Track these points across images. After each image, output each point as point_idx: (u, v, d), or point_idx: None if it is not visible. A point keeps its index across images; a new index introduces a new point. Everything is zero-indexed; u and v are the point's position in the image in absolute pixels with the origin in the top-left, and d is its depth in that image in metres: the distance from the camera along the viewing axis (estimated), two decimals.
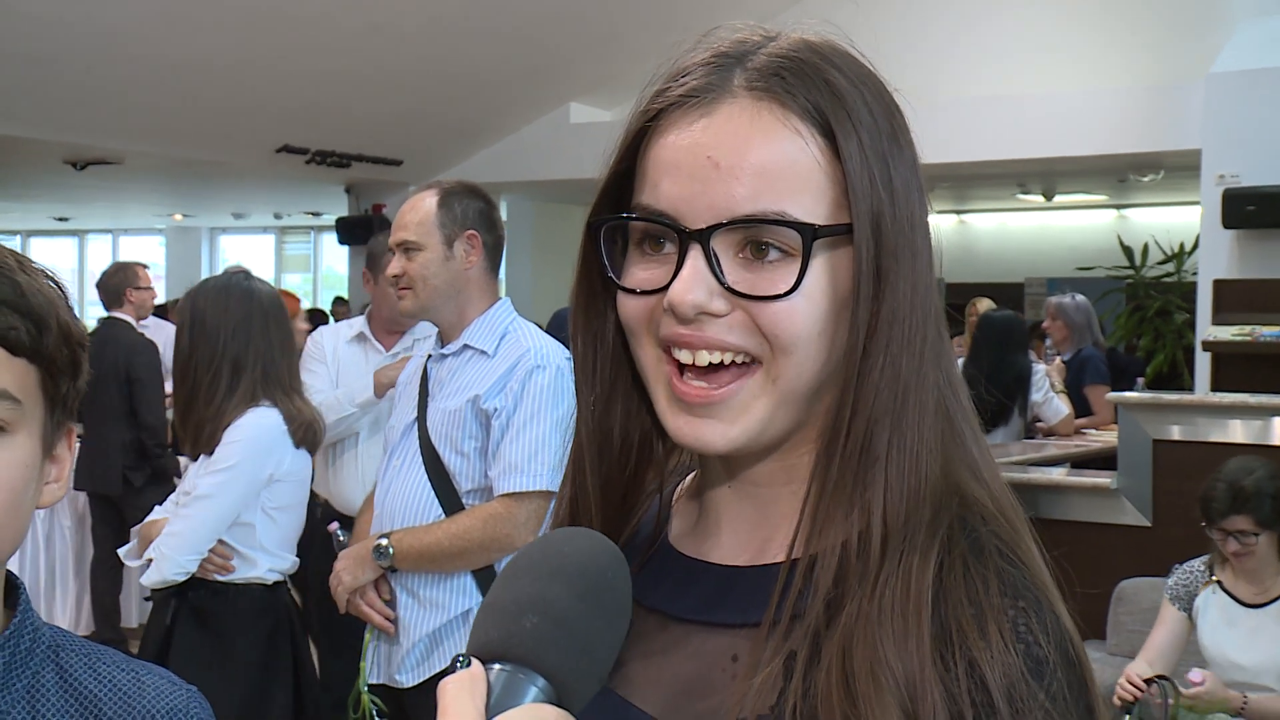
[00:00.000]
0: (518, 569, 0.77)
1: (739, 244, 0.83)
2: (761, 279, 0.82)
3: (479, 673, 0.72)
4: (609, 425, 0.93)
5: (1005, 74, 8.90)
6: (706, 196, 0.82)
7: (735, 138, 0.82)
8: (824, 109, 0.83)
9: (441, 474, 2.74)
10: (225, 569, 2.94)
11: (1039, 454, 5.78)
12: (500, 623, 0.74)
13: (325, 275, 18.49)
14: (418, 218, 2.82)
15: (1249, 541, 3.34)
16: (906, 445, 0.82)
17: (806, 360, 0.83)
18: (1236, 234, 7.47)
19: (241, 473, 2.91)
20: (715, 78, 0.84)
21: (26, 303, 0.97)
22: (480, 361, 2.77)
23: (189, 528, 2.88)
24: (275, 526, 3.02)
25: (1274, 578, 3.39)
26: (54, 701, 1.02)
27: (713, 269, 0.82)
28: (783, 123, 0.82)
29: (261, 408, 2.94)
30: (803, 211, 0.81)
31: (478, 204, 2.87)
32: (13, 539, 0.99)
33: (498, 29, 8.65)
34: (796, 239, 0.81)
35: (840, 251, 0.83)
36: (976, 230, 14.11)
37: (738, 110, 0.83)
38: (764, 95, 0.83)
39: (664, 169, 0.84)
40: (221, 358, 2.93)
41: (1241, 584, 3.43)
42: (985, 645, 0.76)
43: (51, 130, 9.04)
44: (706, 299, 0.82)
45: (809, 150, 0.82)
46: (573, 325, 0.93)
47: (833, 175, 0.83)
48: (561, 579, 0.75)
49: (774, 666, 0.79)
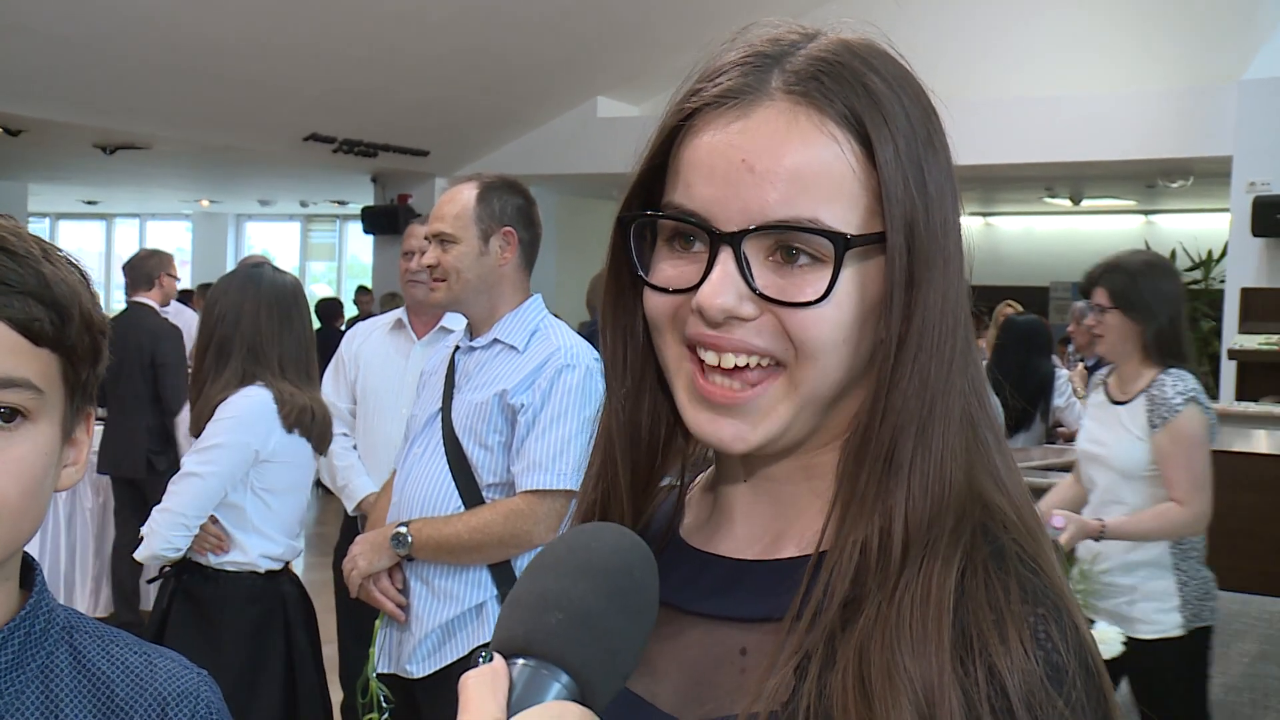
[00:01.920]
0: (544, 564, 0.77)
1: (770, 248, 0.82)
2: (791, 284, 0.82)
3: (501, 667, 0.71)
4: (638, 418, 0.92)
5: (1036, 76, 8.86)
6: (739, 200, 0.81)
7: (771, 141, 0.81)
8: (861, 114, 0.82)
9: (463, 466, 2.74)
10: (218, 549, 2.99)
11: (1060, 459, 5.75)
12: (525, 618, 0.73)
13: (350, 264, 18.57)
14: (455, 210, 2.81)
15: (1101, 319, 3.38)
16: (931, 452, 0.82)
17: (830, 367, 0.83)
18: (1266, 242, 7.41)
19: (226, 449, 2.95)
20: (753, 79, 0.83)
21: (51, 293, 0.98)
22: (509, 356, 2.77)
23: (177, 504, 2.94)
24: (269, 511, 3.04)
25: (1135, 377, 3.39)
26: (67, 682, 1.03)
27: (743, 273, 0.82)
28: (819, 128, 0.82)
29: (251, 387, 2.99)
30: (835, 218, 0.81)
31: (517, 200, 2.86)
32: (32, 524, 1.00)
33: (527, 20, 8.66)
34: (828, 245, 0.81)
35: (871, 259, 0.83)
36: (1003, 233, 14.06)
37: (774, 114, 0.82)
38: (801, 99, 0.82)
39: (697, 169, 0.83)
40: (212, 339, 3.03)
41: (1113, 381, 3.48)
42: (1005, 651, 0.76)
43: (82, 114, 9.12)
44: (736, 303, 0.82)
45: (844, 156, 0.82)
46: (602, 319, 0.93)
47: (867, 182, 0.82)
48: (588, 575, 0.75)
49: (788, 666, 0.79)
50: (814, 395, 0.84)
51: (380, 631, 2.85)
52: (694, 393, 0.85)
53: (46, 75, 8.15)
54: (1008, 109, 8.60)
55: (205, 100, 8.99)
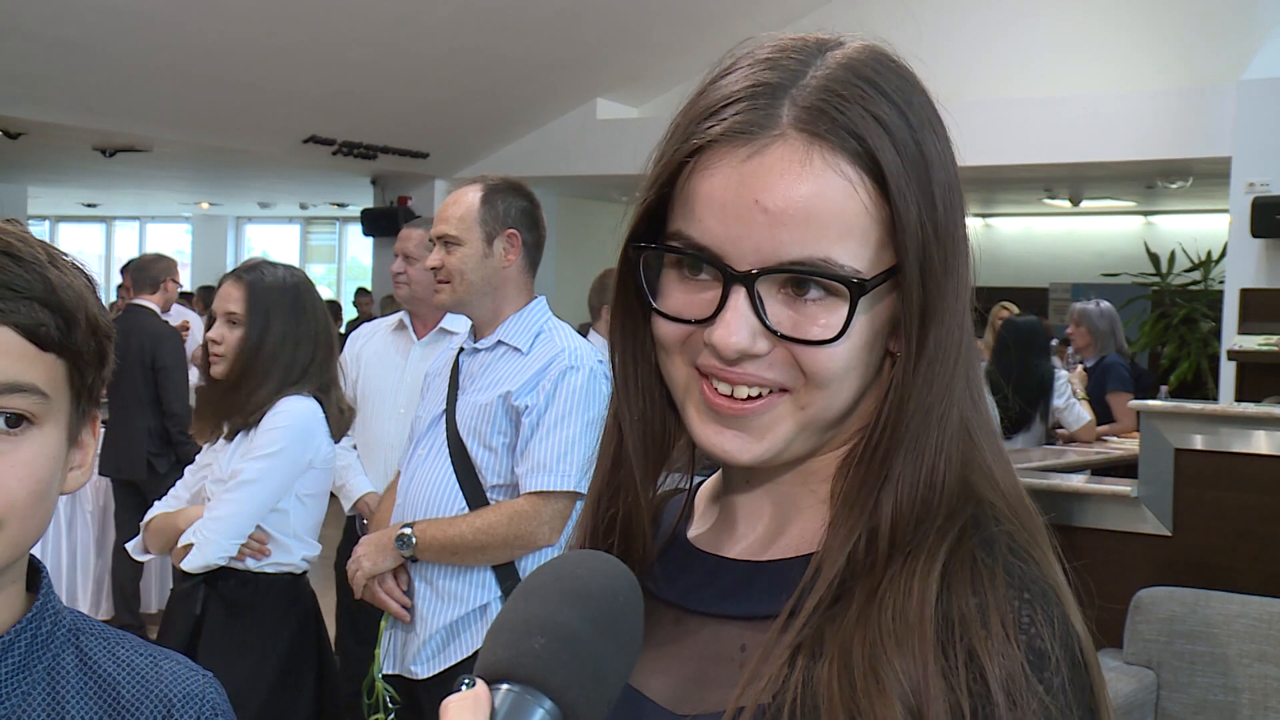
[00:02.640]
0: (529, 590, 0.77)
1: (781, 282, 0.83)
2: (804, 318, 0.82)
3: (483, 693, 0.71)
4: (652, 435, 0.93)
5: (1034, 77, 8.86)
6: (752, 239, 0.81)
7: (784, 180, 0.81)
8: (874, 150, 0.82)
9: (467, 467, 2.75)
10: (262, 553, 2.96)
11: (1059, 460, 5.75)
12: (509, 643, 0.73)
13: (350, 266, 18.57)
14: (459, 212, 2.82)
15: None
16: (925, 457, 0.84)
17: (838, 394, 0.85)
18: (1265, 243, 7.41)
19: (285, 458, 2.92)
20: (762, 114, 0.82)
21: (57, 299, 0.98)
22: (513, 358, 2.77)
23: (233, 512, 2.88)
24: (306, 513, 3.03)
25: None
26: (73, 684, 1.04)
27: (757, 312, 0.82)
28: (833, 168, 0.81)
29: (297, 396, 2.96)
30: (849, 255, 0.81)
31: (521, 202, 2.86)
32: (38, 527, 1.00)
33: (526, 22, 8.66)
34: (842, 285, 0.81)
35: (883, 291, 0.84)
36: (1002, 234, 14.05)
37: (787, 152, 0.81)
38: (814, 138, 0.81)
39: (708, 205, 0.83)
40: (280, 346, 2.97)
41: None
42: (986, 635, 0.76)
43: (82, 117, 9.12)
44: (750, 342, 0.82)
45: (857, 196, 0.82)
46: (611, 342, 0.94)
47: (879, 217, 0.82)
48: (572, 601, 0.75)
49: (778, 658, 0.81)
50: (818, 418, 0.85)
51: (385, 632, 2.86)
52: (703, 407, 0.86)
53: (46, 78, 8.15)
54: (1006, 110, 8.60)
55: (205, 103, 8.99)
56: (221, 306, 3.01)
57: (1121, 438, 6.46)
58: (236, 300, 2.99)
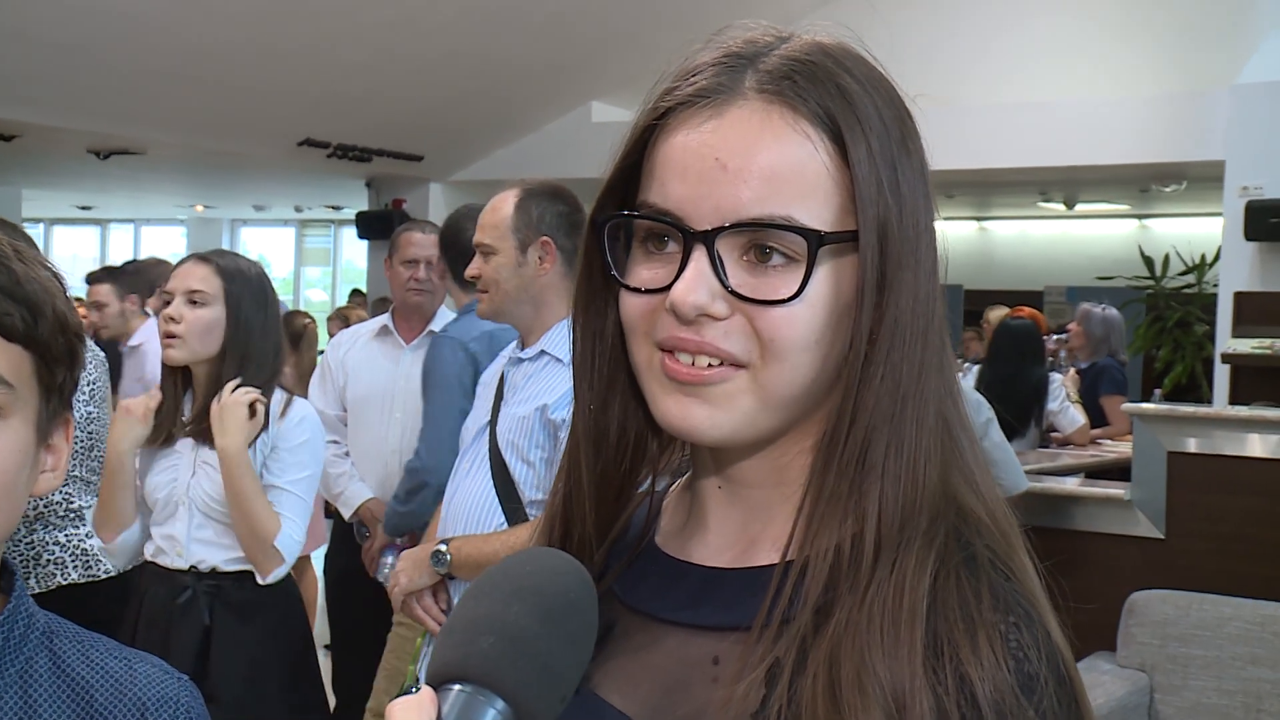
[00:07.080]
0: (478, 591, 0.76)
1: (743, 247, 0.82)
2: (764, 283, 0.82)
3: (428, 696, 0.70)
4: (606, 423, 0.92)
5: (1029, 81, 8.86)
6: (713, 198, 0.81)
7: (744, 140, 0.81)
8: (834, 114, 0.82)
9: (507, 482, 2.66)
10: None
11: (1053, 463, 5.75)
12: (458, 643, 0.73)
13: (344, 269, 18.55)
14: (494, 220, 2.74)
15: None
16: (904, 454, 0.82)
17: (798, 369, 0.83)
18: (1258, 246, 7.42)
19: (314, 454, 2.89)
20: (726, 78, 0.83)
21: (22, 290, 0.98)
22: (555, 369, 2.67)
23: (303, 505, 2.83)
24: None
25: None
26: (46, 687, 1.03)
27: (716, 271, 0.81)
28: (793, 127, 0.82)
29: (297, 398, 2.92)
30: (809, 216, 0.81)
31: (558, 207, 2.75)
32: (6, 524, 0.99)
33: (521, 25, 8.66)
34: (801, 244, 0.81)
35: (844, 259, 0.83)
36: (997, 238, 14.06)
37: (748, 113, 0.82)
38: (775, 98, 0.82)
39: (671, 169, 0.83)
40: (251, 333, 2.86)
41: None
42: (976, 660, 0.76)
43: (76, 119, 9.10)
44: (709, 300, 0.81)
45: (818, 155, 0.82)
46: (573, 321, 0.93)
47: (840, 181, 0.82)
48: (520, 599, 0.74)
49: (757, 673, 0.79)
50: (777, 395, 0.83)
51: (423, 650, 2.83)
52: (663, 379, 0.84)
53: (40, 80, 8.13)
54: (1001, 114, 8.61)
55: (199, 105, 8.98)
56: (182, 285, 2.80)
57: (1115, 441, 6.46)
58: (202, 279, 2.80)
